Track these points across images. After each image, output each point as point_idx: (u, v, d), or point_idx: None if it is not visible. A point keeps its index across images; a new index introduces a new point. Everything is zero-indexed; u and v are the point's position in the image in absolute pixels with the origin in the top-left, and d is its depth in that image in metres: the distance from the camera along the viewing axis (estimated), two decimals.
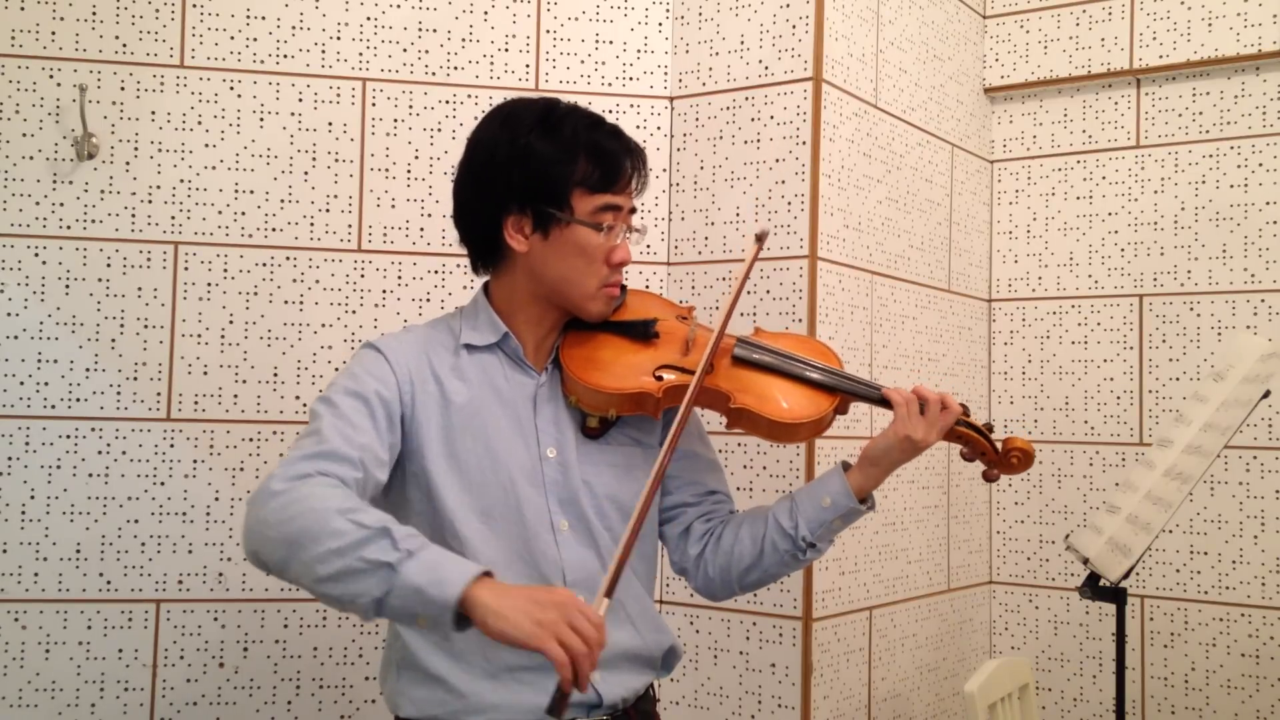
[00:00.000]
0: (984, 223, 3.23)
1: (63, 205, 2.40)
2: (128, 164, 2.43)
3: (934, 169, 2.99)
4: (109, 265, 2.41)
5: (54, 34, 2.41)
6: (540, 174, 1.62)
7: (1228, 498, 2.90)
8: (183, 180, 2.46)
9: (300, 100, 2.51)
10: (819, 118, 2.52)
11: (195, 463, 2.42)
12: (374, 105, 2.55)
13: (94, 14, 2.43)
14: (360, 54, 2.55)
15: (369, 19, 2.55)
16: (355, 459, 1.52)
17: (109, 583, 2.38)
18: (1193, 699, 2.91)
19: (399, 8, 2.57)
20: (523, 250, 1.65)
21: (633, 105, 2.69)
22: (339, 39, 2.54)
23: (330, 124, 2.52)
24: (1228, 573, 2.88)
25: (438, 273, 2.56)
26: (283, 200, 2.50)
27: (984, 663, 2.57)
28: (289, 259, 2.49)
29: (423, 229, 2.55)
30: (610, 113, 2.57)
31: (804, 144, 2.52)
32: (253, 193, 2.48)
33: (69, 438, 2.38)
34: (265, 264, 2.48)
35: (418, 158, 2.56)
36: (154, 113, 2.45)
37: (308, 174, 2.51)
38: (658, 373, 1.69)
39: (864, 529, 2.67)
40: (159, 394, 2.42)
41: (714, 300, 2.61)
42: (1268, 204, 2.90)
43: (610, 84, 2.68)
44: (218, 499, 2.43)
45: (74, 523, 2.37)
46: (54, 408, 2.38)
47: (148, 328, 2.43)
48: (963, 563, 3.09)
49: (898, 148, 2.83)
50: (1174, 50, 2.99)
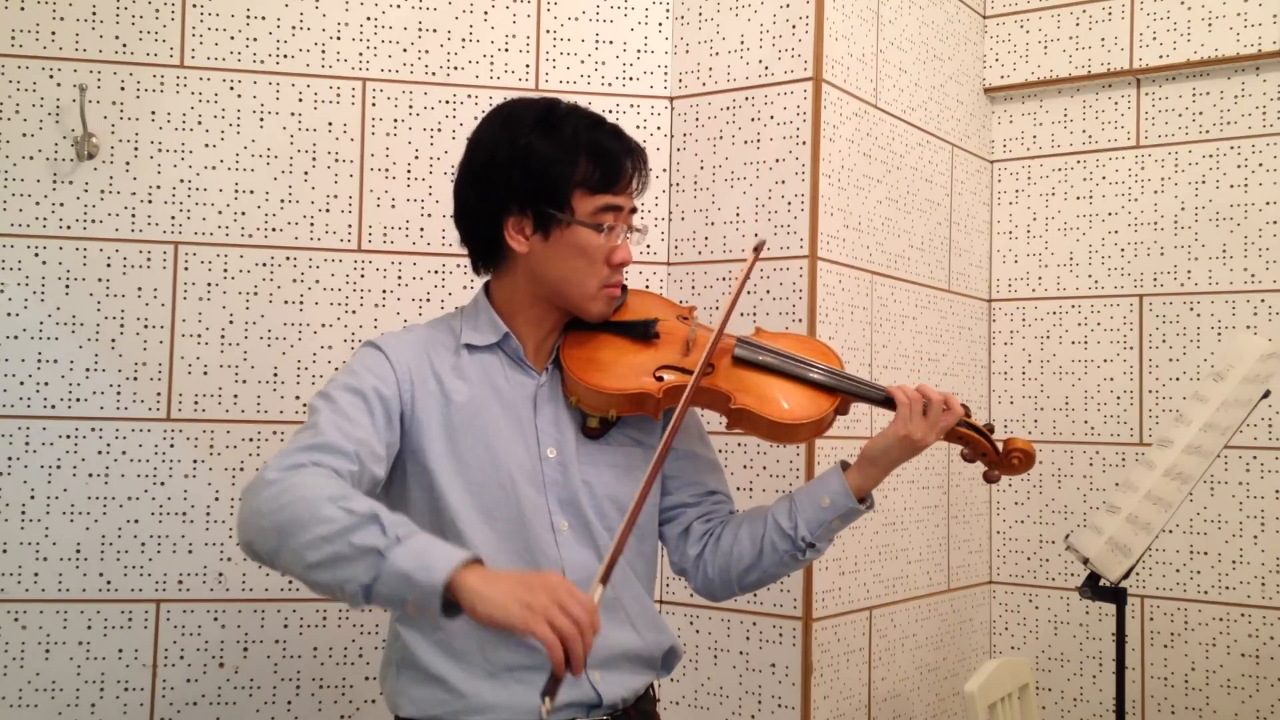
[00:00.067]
0: (984, 223, 3.24)
1: (63, 205, 2.40)
2: (128, 164, 2.43)
3: (934, 169, 2.99)
4: (109, 265, 2.41)
5: (54, 34, 2.41)
6: (541, 175, 1.62)
7: (1228, 498, 2.90)
8: (183, 180, 2.46)
9: (300, 100, 2.51)
10: (819, 118, 2.52)
11: (195, 463, 2.43)
12: (374, 105, 2.55)
13: (94, 14, 2.43)
14: (360, 54, 2.55)
15: (369, 19, 2.55)
16: (351, 452, 1.51)
17: (109, 583, 2.38)
18: (1193, 699, 2.91)
19: (399, 8, 2.57)
20: (523, 251, 1.65)
21: (633, 105, 2.68)
22: (339, 39, 2.54)
23: (330, 124, 2.52)
24: (1228, 573, 2.88)
25: (438, 273, 2.56)
26: (283, 200, 2.50)
27: (984, 663, 2.57)
28: (289, 259, 2.49)
29: (423, 229, 2.55)
30: (610, 113, 2.57)
31: (804, 144, 2.52)
32: (253, 193, 2.48)
33: (69, 438, 2.38)
34: (265, 264, 2.48)
35: (418, 158, 2.56)
36: (154, 113, 2.45)
37: (308, 174, 2.51)
38: (658, 373, 1.69)
39: (864, 529, 2.67)
40: (159, 394, 2.42)
41: (714, 300, 2.61)
42: (1268, 204, 2.90)
43: (610, 84, 2.68)
44: (218, 499, 2.43)
45: (74, 523, 2.37)
46: (54, 408, 2.38)
47: (148, 328, 2.43)
48: (963, 563, 3.09)
49: (898, 148, 2.83)
50: (1174, 50, 2.99)
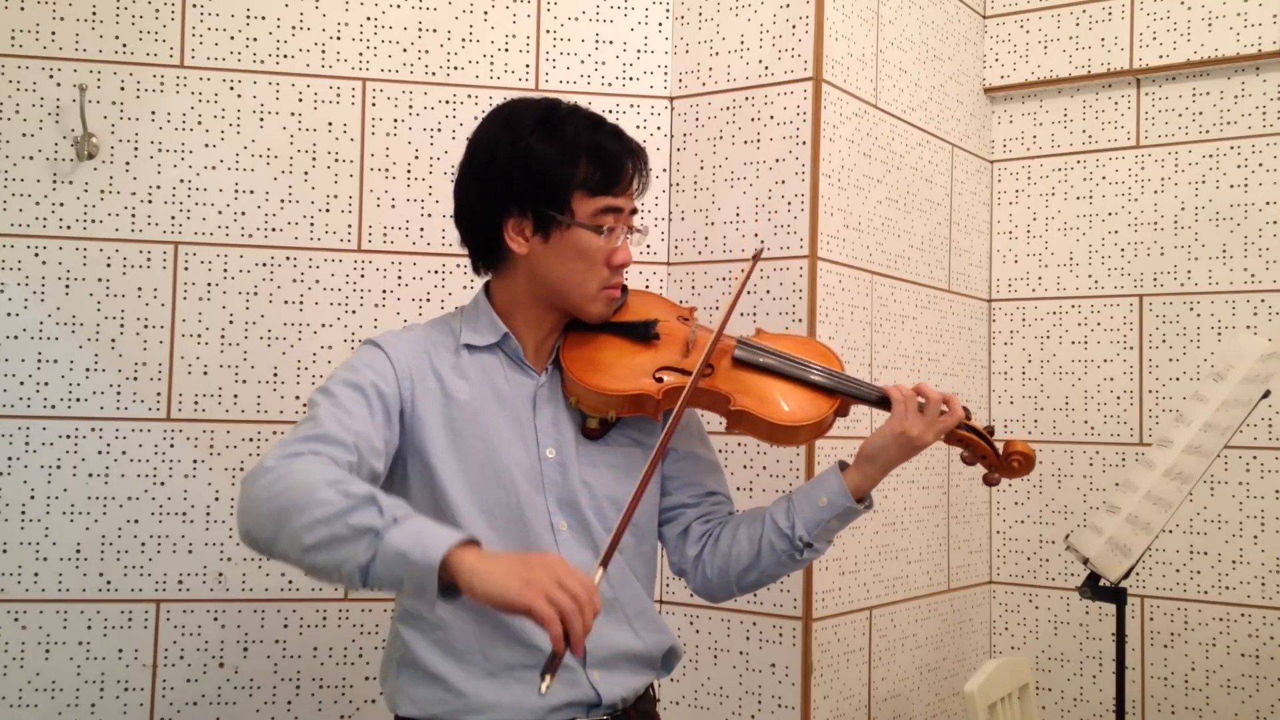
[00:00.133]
0: (984, 223, 3.23)
1: (63, 205, 2.40)
2: (128, 164, 2.43)
3: (934, 169, 2.99)
4: (109, 265, 2.41)
5: (54, 34, 2.41)
6: (541, 176, 1.62)
7: (1228, 498, 2.90)
8: (183, 180, 2.46)
9: (300, 100, 2.51)
10: (819, 118, 2.52)
11: (195, 463, 2.43)
12: (374, 105, 2.55)
13: (94, 14, 2.43)
14: (360, 54, 2.55)
15: (369, 19, 2.55)
16: (349, 443, 1.51)
17: (109, 583, 2.38)
18: (1193, 699, 2.91)
19: (399, 8, 2.57)
20: (523, 252, 1.65)
21: (633, 105, 2.68)
22: (339, 39, 2.54)
23: (330, 124, 2.52)
24: (1228, 573, 2.88)
25: (438, 273, 2.56)
26: (283, 200, 2.50)
27: (984, 663, 2.57)
28: (289, 259, 2.49)
29: (423, 229, 2.55)
30: (610, 113, 2.57)
31: (804, 144, 2.52)
32: (253, 193, 2.48)
33: (69, 438, 2.38)
34: (265, 264, 2.48)
35: (418, 158, 2.56)
36: (154, 113, 2.45)
37: (308, 174, 2.51)
38: (657, 374, 1.68)
39: (864, 529, 2.67)
40: (159, 394, 2.42)
41: (714, 300, 2.61)
42: (1268, 204, 2.90)
43: (610, 84, 2.67)
44: (218, 499, 2.43)
45: (74, 523, 2.37)
46: (54, 408, 2.38)
47: (148, 328, 2.43)
48: (963, 563, 3.09)
49: (898, 148, 2.83)
50: (1174, 50, 2.99)
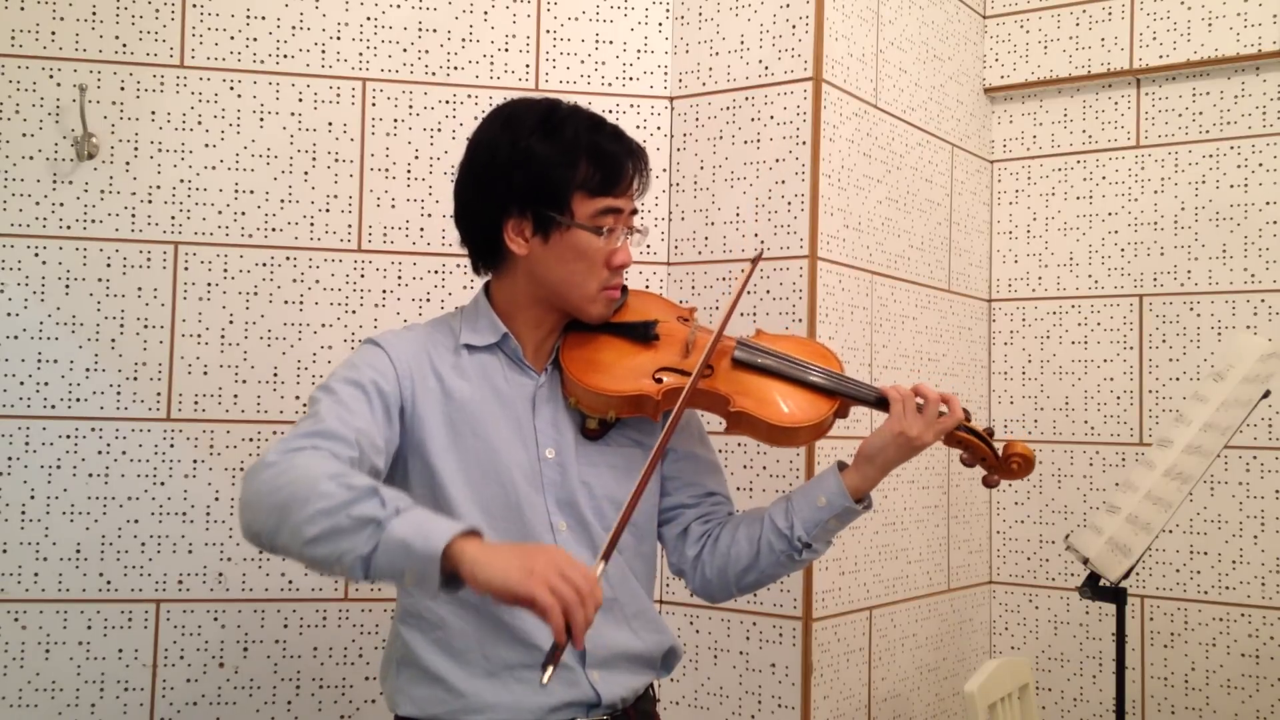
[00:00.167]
0: (984, 223, 3.23)
1: (63, 205, 2.40)
2: (128, 164, 2.43)
3: (934, 169, 2.99)
4: (109, 265, 2.41)
5: (54, 34, 2.41)
6: (541, 177, 1.61)
7: (1228, 498, 2.90)
8: (183, 180, 2.46)
9: (300, 100, 2.51)
10: (819, 118, 2.52)
11: (195, 463, 2.43)
12: (374, 105, 2.55)
13: (94, 14, 2.43)
14: (360, 54, 2.55)
15: (369, 19, 2.55)
16: (351, 439, 1.51)
17: (109, 583, 2.38)
18: (1193, 699, 2.91)
19: (399, 8, 2.57)
20: (522, 253, 1.65)
21: (633, 105, 2.68)
22: (339, 39, 2.54)
23: (330, 124, 2.52)
24: (1228, 573, 2.88)
25: (438, 273, 2.56)
26: (283, 200, 2.50)
27: (984, 663, 2.57)
28: (289, 259, 2.49)
29: (423, 229, 2.55)
30: (610, 113, 2.57)
31: (804, 144, 2.52)
32: (253, 193, 2.48)
33: (69, 438, 2.38)
34: (265, 264, 2.48)
35: (418, 158, 2.56)
36: (154, 113, 2.45)
37: (308, 174, 2.51)
38: (657, 375, 1.68)
39: (864, 529, 2.67)
40: (159, 394, 2.42)
41: (714, 300, 2.61)
42: (1268, 204, 2.90)
43: (610, 84, 2.67)
44: (218, 499, 2.43)
45: (74, 523, 2.37)
46: (54, 408, 2.38)
47: (148, 328, 2.43)
48: (963, 563, 3.09)
49: (898, 148, 2.83)
50: (1174, 50, 2.99)
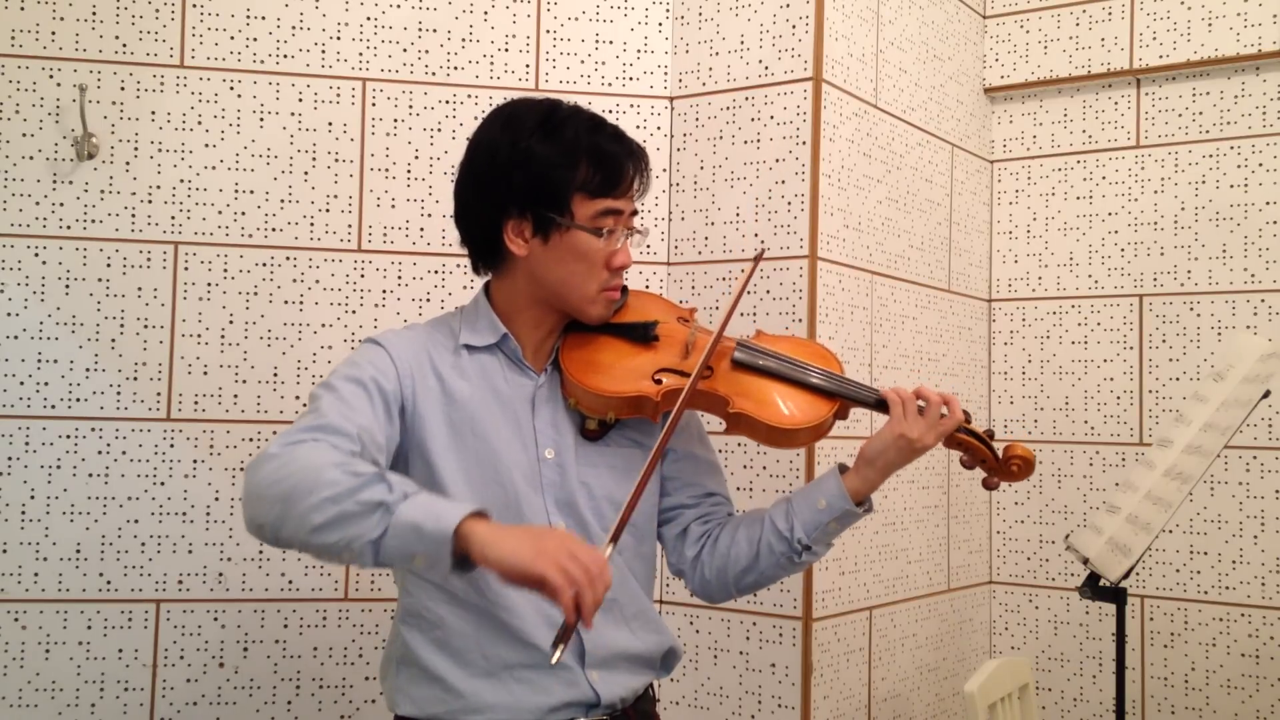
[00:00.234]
0: (984, 223, 3.23)
1: (63, 205, 2.40)
2: (128, 164, 2.43)
3: (934, 169, 2.99)
4: (109, 265, 2.41)
5: (54, 34, 2.41)
6: (541, 178, 1.61)
7: (1228, 498, 2.90)
8: (183, 180, 2.45)
9: (300, 100, 2.51)
10: (819, 118, 2.52)
11: (195, 463, 2.43)
12: (374, 105, 2.55)
13: (94, 14, 2.43)
14: (360, 54, 2.54)
15: (369, 19, 2.55)
16: (353, 434, 1.51)
17: (109, 583, 2.38)
18: (1193, 699, 2.91)
19: (399, 8, 2.57)
20: (522, 254, 1.65)
21: (633, 105, 2.68)
22: (339, 39, 2.54)
23: (330, 124, 2.52)
24: (1228, 573, 2.88)
25: (438, 273, 2.56)
26: (283, 200, 2.49)
27: (984, 663, 2.57)
28: (289, 259, 2.49)
29: (423, 229, 2.55)
30: (610, 113, 2.57)
31: (804, 144, 2.52)
32: (253, 193, 2.48)
33: (69, 438, 2.38)
34: (265, 264, 2.48)
35: (418, 158, 2.56)
36: (154, 113, 2.45)
37: (308, 174, 2.51)
38: (656, 376, 1.68)
39: (864, 529, 2.67)
40: (159, 394, 2.42)
41: (714, 300, 2.61)
42: (1268, 204, 2.90)
43: (610, 84, 2.67)
44: (218, 499, 2.43)
45: (74, 523, 2.37)
46: (54, 408, 2.38)
47: (148, 328, 2.43)
48: (963, 563, 3.09)
49: (898, 148, 2.83)
50: (1174, 50, 2.99)
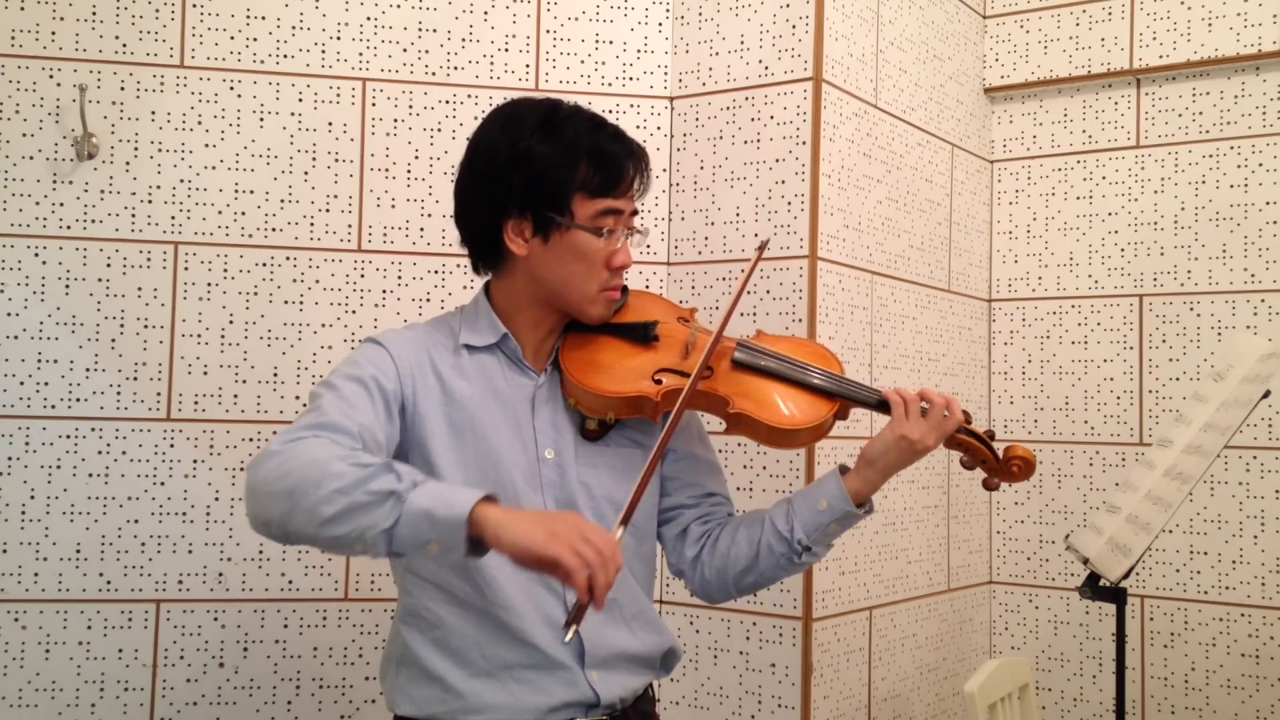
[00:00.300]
0: (984, 223, 3.23)
1: (63, 205, 2.40)
2: (128, 164, 2.43)
3: (934, 169, 2.99)
4: (109, 265, 2.41)
5: (54, 34, 2.41)
6: (541, 178, 1.61)
7: (1228, 498, 2.90)
8: (183, 180, 2.45)
9: (300, 100, 2.51)
10: (819, 118, 2.52)
11: (195, 463, 2.43)
12: (374, 105, 2.55)
13: (94, 14, 2.43)
14: (360, 54, 2.54)
15: (369, 19, 2.55)
16: (354, 432, 1.51)
17: (109, 583, 2.38)
18: (1193, 699, 2.91)
19: (399, 8, 2.57)
20: (522, 254, 1.65)
21: (633, 105, 2.68)
22: (339, 39, 2.54)
23: (330, 124, 2.52)
24: (1228, 573, 2.88)
25: (438, 273, 2.56)
26: (283, 200, 2.49)
27: (984, 663, 2.57)
28: (289, 259, 2.49)
29: (423, 229, 2.55)
30: (610, 113, 2.57)
31: (804, 144, 2.52)
32: (253, 193, 2.48)
33: (69, 438, 2.38)
34: (265, 264, 2.48)
35: (418, 158, 2.56)
36: (154, 113, 2.45)
37: (308, 174, 2.51)
38: (656, 376, 1.68)
39: (864, 529, 2.67)
40: (159, 394, 2.42)
41: (714, 300, 2.61)
42: (1268, 204, 2.90)
43: (610, 84, 2.67)
44: (218, 499, 2.43)
45: (74, 523, 2.37)
46: (54, 408, 2.38)
47: (148, 328, 2.43)
48: (963, 563, 3.09)
49: (898, 148, 2.83)
50: (1174, 50, 2.99)
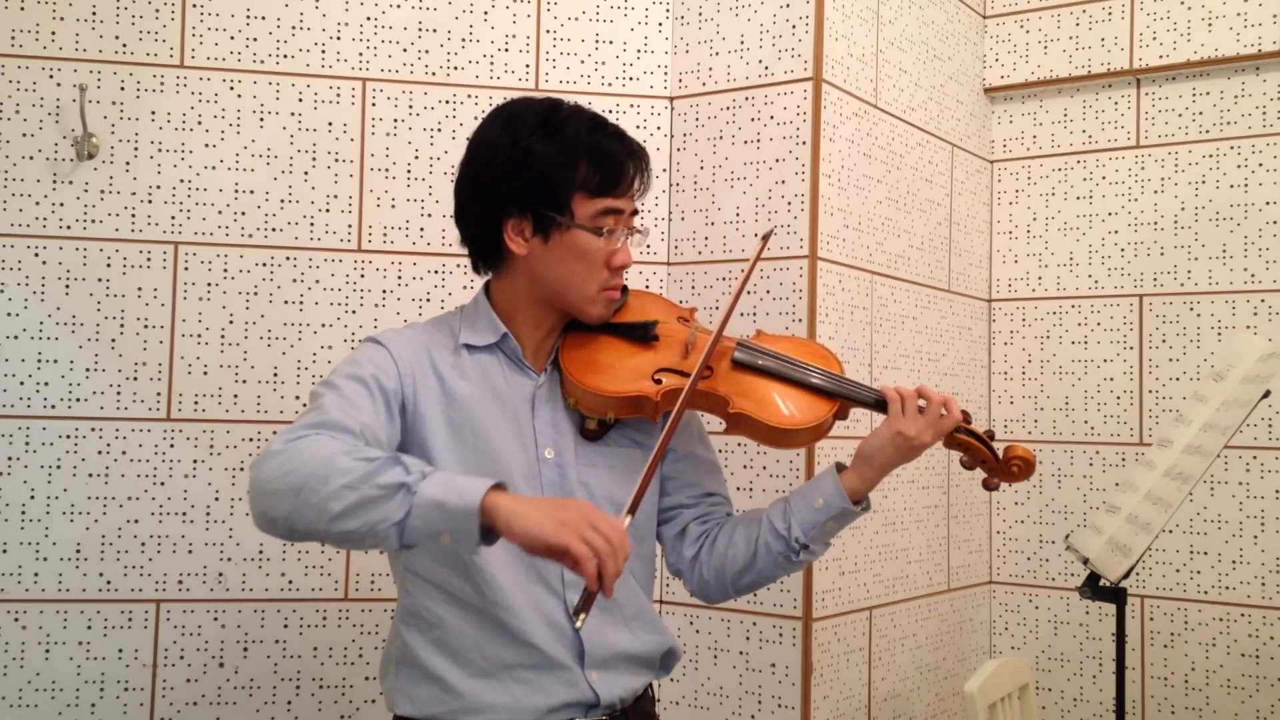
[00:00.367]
0: (984, 223, 3.23)
1: (63, 205, 2.40)
2: (128, 164, 2.43)
3: (934, 169, 2.99)
4: (109, 265, 2.41)
5: (54, 34, 2.41)
6: (541, 178, 1.61)
7: (1228, 498, 2.90)
8: (183, 180, 2.46)
9: (300, 100, 2.51)
10: (819, 118, 2.52)
11: (195, 463, 2.43)
12: (374, 105, 2.55)
13: (94, 14, 2.43)
14: (360, 54, 2.55)
15: (369, 19, 2.55)
16: (355, 430, 1.51)
17: (109, 583, 2.38)
18: (1193, 699, 2.91)
19: (399, 8, 2.57)
20: (522, 253, 1.65)
21: (633, 105, 2.68)
22: (339, 39, 2.54)
23: (330, 124, 2.52)
24: (1228, 573, 2.88)
25: (438, 273, 2.56)
26: (283, 200, 2.50)
27: (984, 663, 2.57)
28: (289, 259, 2.49)
29: (423, 229, 2.55)
30: (610, 113, 2.56)
31: (804, 144, 2.52)
32: (253, 193, 2.48)
33: (69, 438, 2.38)
34: (265, 264, 2.48)
35: (418, 158, 2.56)
36: (154, 113, 2.45)
37: (308, 174, 2.51)
38: (656, 376, 1.68)
39: (864, 529, 2.67)
40: (159, 394, 2.42)
41: (714, 300, 2.61)
42: (1268, 204, 2.90)
43: (610, 84, 2.67)
44: (218, 499, 2.43)
45: (74, 523, 2.37)
46: (54, 408, 2.38)
47: (148, 328, 2.43)
48: (963, 563, 3.09)
49: (898, 148, 2.83)
50: (1174, 50, 2.99)
